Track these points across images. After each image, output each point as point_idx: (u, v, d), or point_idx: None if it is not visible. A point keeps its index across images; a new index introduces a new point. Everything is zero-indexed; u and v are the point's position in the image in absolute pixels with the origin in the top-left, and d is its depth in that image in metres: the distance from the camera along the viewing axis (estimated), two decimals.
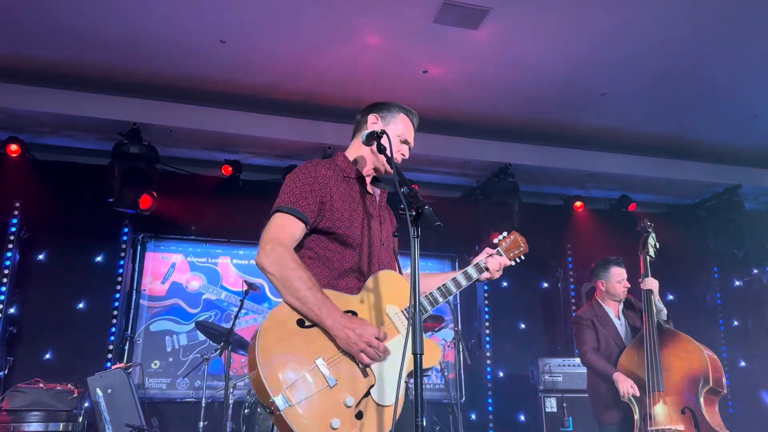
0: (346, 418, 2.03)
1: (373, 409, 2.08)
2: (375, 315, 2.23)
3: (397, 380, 2.00)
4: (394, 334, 2.24)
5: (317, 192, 2.31)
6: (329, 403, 2.03)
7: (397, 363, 2.07)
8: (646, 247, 4.34)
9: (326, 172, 2.39)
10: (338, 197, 2.36)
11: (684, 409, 3.89)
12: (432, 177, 7.45)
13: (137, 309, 6.82)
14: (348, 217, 2.36)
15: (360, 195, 2.46)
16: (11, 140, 6.17)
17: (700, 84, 6.02)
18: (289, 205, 2.26)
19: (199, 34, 5.31)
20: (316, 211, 2.29)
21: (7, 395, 5.12)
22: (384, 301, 2.26)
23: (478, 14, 4.97)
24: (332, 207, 2.33)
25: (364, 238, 2.37)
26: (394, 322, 2.25)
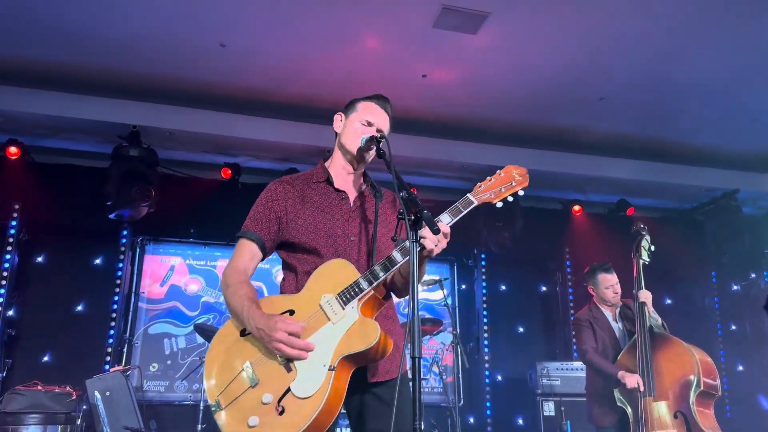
0: (264, 414, 2.10)
1: (294, 403, 2.10)
2: (309, 308, 2.24)
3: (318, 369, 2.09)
4: (322, 323, 2.21)
5: (272, 210, 2.43)
6: (250, 403, 2.13)
7: (321, 352, 2.13)
8: (639, 251, 4.36)
9: (284, 187, 2.49)
10: (297, 207, 2.43)
11: (677, 413, 3.91)
12: (430, 180, 7.46)
13: (136, 311, 6.83)
14: (303, 223, 2.41)
15: (328, 197, 2.49)
16: (11, 142, 6.18)
17: (698, 88, 6.04)
18: (244, 229, 2.44)
19: (199, 38, 5.33)
20: (274, 229, 2.43)
21: (5, 397, 5.12)
22: (321, 292, 2.26)
23: (477, 19, 4.99)
24: (288, 219, 2.42)
25: (327, 240, 2.39)
26: (325, 311, 2.22)
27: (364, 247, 2.43)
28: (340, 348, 2.14)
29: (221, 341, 2.30)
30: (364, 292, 2.22)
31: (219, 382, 2.20)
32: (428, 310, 7.49)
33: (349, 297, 2.22)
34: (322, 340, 2.18)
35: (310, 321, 2.21)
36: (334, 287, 2.25)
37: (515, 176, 2.49)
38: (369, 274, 2.24)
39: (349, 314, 2.20)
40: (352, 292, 2.22)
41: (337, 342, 2.15)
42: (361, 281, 2.23)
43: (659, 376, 4.02)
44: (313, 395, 2.09)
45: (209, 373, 2.24)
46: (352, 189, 2.55)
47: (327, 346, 2.16)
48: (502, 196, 2.44)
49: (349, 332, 2.17)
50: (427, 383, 7.22)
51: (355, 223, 2.45)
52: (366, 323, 2.18)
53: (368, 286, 2.23)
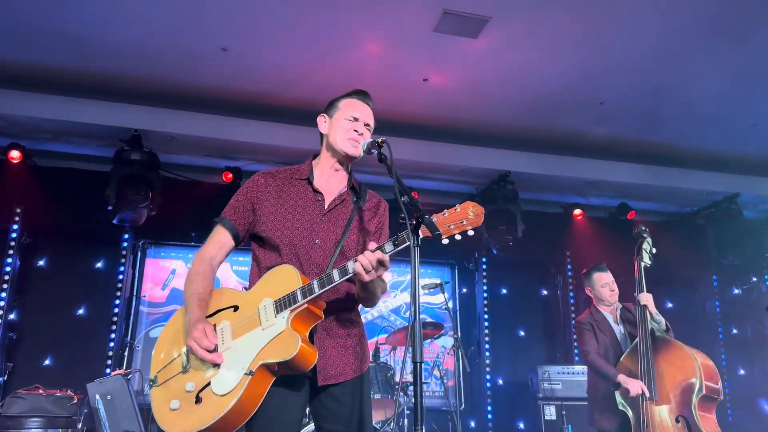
0: (184, 401, 2.22)
1: (210, 396, 2.18)
2: (250, 308, 2.30)
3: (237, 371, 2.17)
4: (254, 326, 2.25)
5: (249, 200, 2.48)
6: (177, 387, 2.26)
7: (244, 355, 2.20)
8: (640, 253, 4.36)
9: (267, 179, 2.52)
10: (272, 202, 2.46)
11: (678, 417, 3.89)
12: (431, 184, 7.47)
13: (137, 315, 6.83)
14: (273, 219, 2.43)
15: (304, 196, 2.49)
16: (13, 146, 6.19)
17: (698, 92, 6.05)
18: (221, 215, 2.52)
19: (201, 42, 5.34)
20: (249, 219, 2.48)
21: (6, 401, 5.12)
22: (263, 295, 2.30)
23: (478, 23, 5.00)
24: (261, 212, 2.45)
25: (293, 240, 2.39)
26: (260, 315, 2.26)
27: (329, 252, 2.40)
28: (261, 355, 2.18)
29: (174, 323, 2.44)
30: (297, 304, 2.21)
31: (161, 360, 2.35)
32: (429, 314, 7.49)
33: (283, 306, 2.23)
34: (249, 343, 2.23)
35: (246, 321, 2.28)
36: (275, 293, 2.27)
37: (470, 214, 2.33)
38: (306, 288, 2.22)
39: (278, 323, 2.21)
40: (287, 301, 2.23)
41: (260, 348, 2.19)
42: (298, 293, 2.22)
43: (661, 380, 4.01)
44: (226, 394, 2.15)
45: (157, 349, 2.40)
46: (332, 190, 2.53)
47: (251, 350, 2.20)
48: (449, 232, 2.29)
49: (273, 341, 2.19)
50: (428, 387, 7.21)
51: (324, 227, 2.43)
52: (290, 336, 2.17)
53: (302, 299, 2.21)
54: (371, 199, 2.59)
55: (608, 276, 4.59)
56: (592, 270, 4.64)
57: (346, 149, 2.50)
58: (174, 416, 2.20)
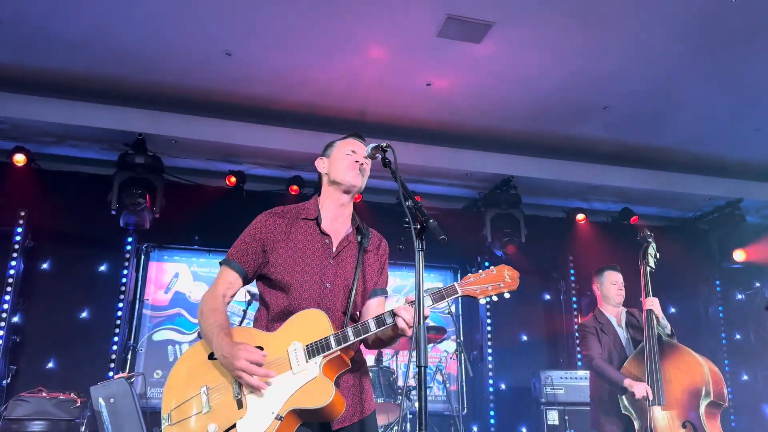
0: None
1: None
2: (277, 351, 2.26)
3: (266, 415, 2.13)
4: (284, 370, 2.22)
5: (258, 242, 2.44)
6: (197, 427, 2.19)
7: (273, 398, 2.16)
8: (646, 258, 4.36)
9: (275, 220, 2.48)
10: (281, 244, 2.43)
11: (685, 423, 3.88)
12: (435, 188, 7.47)
13: (140, 318, 6.84)
14: (283, 262, 2.40)
15: (312, 238, 2.46)
16: (17, 150, 6.21)
17: (700, 97, 6.06)
18: (228, 257, 2.48)
19: (205, 46, 5.37)
20: (259, 260, 2.44)
21: (10, 404, 5.13)
22: (291, 338, 2.27)
23: (481, 28, 5.02)
24: (271, 254, 2.42)
25: (305, 283, 2.37)
26: (290, 359, 2.23)
27: (339, 296, 2.41)
28: (293, 400, 2.16)
29: (189, 359, 2.38)
30: (331, 350, 2.22)
31: (176, 398, 2.27)
32: (432, 319, 7.48)
33: (316, 352, 2.22)
34: (278, 387, 2.19)
35: (274, 364, 2.23)
36: (305, 337, 2.25)
37: (506, 278, 2.42)
38: (341, 335, 2.23)
39: (310, 369, 2.20)
40: (319, 347, 2.23)
41: (291, 393, 2.17)
42: (332, 340, 2.23)
43: (667, 385, 3.98)
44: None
45: (170, 386, 2.32)
46: (339, 232, 2.52)
47: (281, 394, 2.17)
48: (487, 293, 2.37)
49: (305, 387, 2.18)
50: (430, 391, 7.21)
51: (333, 271, 2.43)
52: (323, 383, 2.18)
53: (336, 346, 2.22)
54: (373, 239, 2.60)
55: (619, 276, 4.61)
56: (606, 268, 4.67)
57: (349, 179, 2.50)
58: None
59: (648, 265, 4.34)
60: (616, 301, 4.57)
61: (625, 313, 4.59)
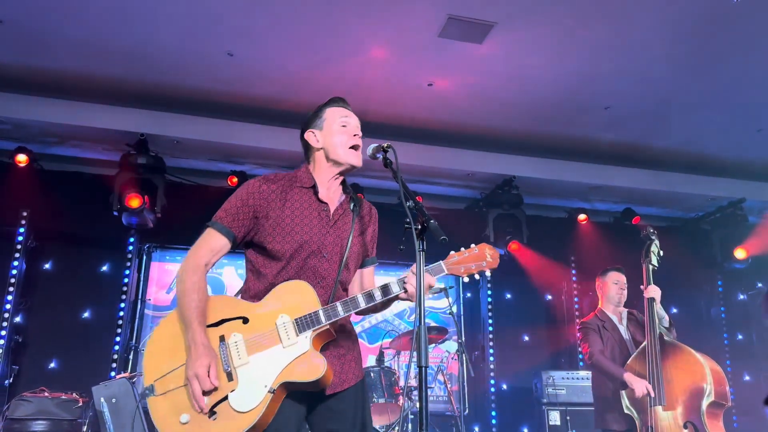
0: (196, 414, 2.12)
1: (228, 413, 2.13)
2: (264, 324, 2.25)
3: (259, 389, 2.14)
4: (273, 343, 2.22)
5: (250, 208, 2.37)
6: (185, 399, 2.15)
7: (265, 372, 2.18)
8: (648, 256, 4.37)
9: (269, 186, 2.41)
10: (276, 212, 2.37)
11: (686, 423, 3.88)
12: (436, 189, 7.48)
13: (142, 318, 6.84)
14: (281, 231, 2.35)
15: (309, 206, 2.42)
16: (20, 150, 6.21)
17: (703, 97, 6.05)
18: (215, 220, 2.40)
19: (207, 47, 5.37)
20: (248, 226, 2.37)
21: (12, 404, 5.13)
22: (279, 311, 2.26)
23: (483, 28, 5.02)
24: (266, 222, 2.36)
25: (299, 252, 2.34)
26: (279, 333, 2.23)
27: (335, 264, 2.39)
28: (285, 374, 2.17)
29: (169, 325, 2.31)
30: (320, 325, 2.23)
31: (160, 367, 2.21)
32: (433, 319, 7.49)
33: (305, 326, 2.22)
34: (268, 360, 2.20)
35: (262, 337, 2.23)
36: (292, 310, 2.25)
37: (487, 256, 2.47)
38: (330, 310, 2.24)
39: (301, 343, 2.21)
40: (309, 321, 2.23)
41: (283, 367, 2.18)
42: (321, 314, 2.23)
43: (669, 385, 3.98)
44: (248, 411, 2.12)
45: (150, 354, 2.27)
46: (334, 200, 2.50)
47: (272, 367, 2.18)
48: (470, 271, 2.43)
49: (296, 360, 2.19)
50: (432, 392, 7.20)
51: (331, 239, 2.40)
52: (314, 357, 2.20)
53: (326, 321, 2.23)
54: (364, 206, 2.59)
55: (623, 277, 4.68)
56: (610, 269, 4.73)
57: (351, 161, 2.46)
58: (184, 429, 2.12)
59: (651, 263, 4.35)
60: (617, 300, 4.61)
61: (626, 312, 4.63)
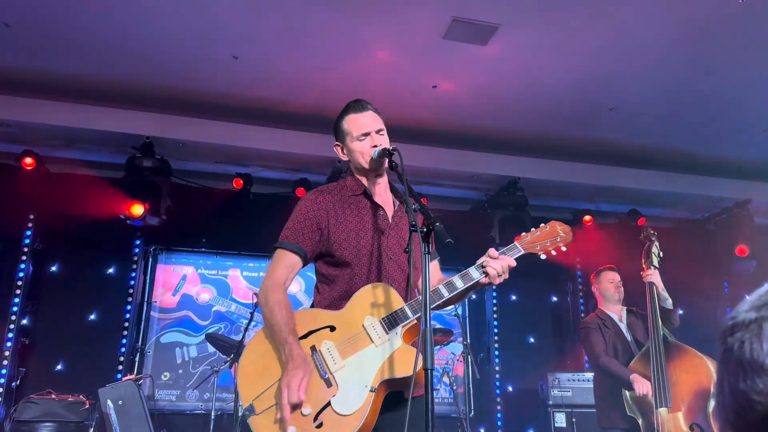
0: (302, 425, 2.11)
1: (333, 419, 2.13)
2: (352, 327, 2.28)
3: (360, 390, 2.15)
4: (365, 344, 2.25)
5: (312, 221, 2.42)
6: (287, 413, 2.12)
7: (363, 372, 2.19)
8: (650, 257, 4.36)
9: (325, 197, 2.47)
10: (338, 220, 2.43)
11: (693, 425, 3.85)
12: (441, 190, 7.48)
13: (148, 321, 6.86)
14: (346, 237, 2.41)
15: (367, 211, 2.48)
16: (26, 153, 6.24)
17: (709, 98, 6.04)
18: (282, 240, 2.43)
19: (212, 50, 5.39)
20: (315, 239, 2.42)
21: (19, 406, 5.17)
22: (364, 313, 2.29)
23: (487, 30, 5.02)
24: (330, 231, 2.41)
25: (366, 257, 2.39)
26: (369, 333, 2.26)
27: (403, 264, 2.45)
28: (383, 371, 2.18)
29: (258, 346, 2.32)
30: (408, 320, 2.26)
31: (255, 387, 2.22)
32: (439, 320, 7.48)
33: (394, 323, 2.25)
34: (364, 360, 2.22)
35: (352, 340, 2.26)
36: (377, 311, 2.28)
37: (560, 232, 2.54)
38: (415, 304, 2.27)
39: (392, 339, 2.24)
40: (396, 318, 2.25)
41: (380, 365, 2.19)
42: (407, 309, 2.26)
43: (673, 387, 3.94)
44: (354, 413, 2.12)
45: (245, 376, 2.27)
46: (389, 203, 2.56)
47: (369, 367, 2.20)
48: (546, 249, 2.48)
49: (392, 357, 2.21)
50: (437, 394, 7.21)
51: (394, 241, 2.47)
52: (409, 351, 2.20)
53: (413, 315, 2.26)
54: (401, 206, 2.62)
55: (617, 275, 4.71)
56: (604, 269, 4.78)
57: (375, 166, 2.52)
58: None
59: (652, 264, 4.34)
60: (615, 298, 4.62)
61: (625, 310, 4.63)
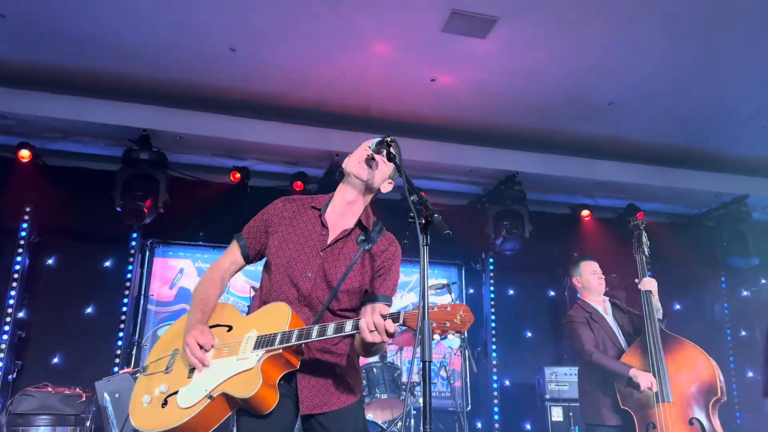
0: (155, 399, 2.32)
1: (172, 405, 2.27)
2: (238, 335, 2.34)
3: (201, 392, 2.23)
4: (232, 354, 2.28)
5: (264, 222, 2.56)
6: (154, 383, 2.37)
7: (212, 378, 2.25)
8: (641, 246, 4.34)
9: (286, 205, 2.58)
10: (284, 227, 2.50)
11: (692, 420, 3.83)
12: (439, 185, 7.46)
13: (145, 314, 6.86)
14: (279, 245, 2.47)
15: (312, 227, 2.50)
16: (22, 146, 6.22)
17: (707, 93, 6.03)
18: (240, 232, 2.61)
19: (210, 42, 5.36)
20: (261, 240, 2.56)
21: (15, 399, 5.15)
22: (253, 326, 2.33)
23: (486, 24, 5.00)
24: (272, 236, 2.52)
25: (287, 268, 2.42)
26: (241, 345, 2.28)
27: (321, 288, 2.41)
28: (225, 384, 2.21)
29: (180, 321, 2.56)
30: (272, 347, 2.21)
31: (156, 353, 2.50)
32: None
33: (261, 344, 2.24)
34: (221, 368, 2.27)
35: (228, 346, 2.32)
36: (263, 327, 2.29)
37: (457, 318, 2.09)
38: (285, 335, 2.22)
39: (251, 359, 2.22)
40: (265, 341, 2.24)
41: (226, 377, 2.22)
42: (277, 336, 2.22)
43: (673, 381, 3.90)
44: (183, 408, 2.22)
45: (159, 341, 2.57)
46: (339, 227, 2.50)
47: (219, 375, 2.25)
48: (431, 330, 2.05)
49: (239, 375, 2.21)
50: (434, 387, 7.21)
51: (318, 262, 2.42)
52: (254, 376, 2.18)
53: (278, 344, 2.21)
54: (381, 242, 2.52)
55: (596, 265, 4.58)
56: (580, 259, 4.65)
57: (352, 168, 2.47)
58: (141, 410, 2.33)
59: (643, 253, 4.33)
60: (599, 290, 4.51)
61: (608, 302, 4.53)
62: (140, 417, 2.31)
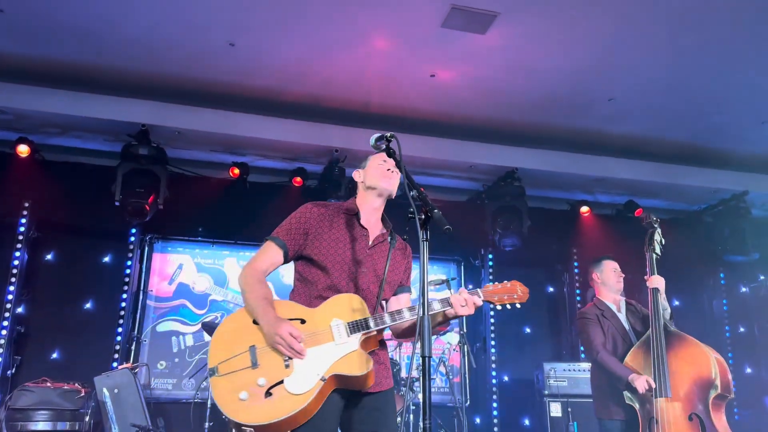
0: (255, 393, 2.42)
1: (281, 394, 2.41)
2: (319, 324, 2.57)
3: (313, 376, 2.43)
4: (327, 340, 2.53)
5: (302, 225, 2.74)
6: (245, 380, 2.45)
7: (318, 363, 2.47)
8: (652, 244, 4.34)
9: (320, 209, 2.80)
10: (325, 230, 2.74)
11: (692, 415, 3.85)
12: (438, 181, 7.47)
13: (144, 309, 6.86)
14: (327, 246, 2.71)
15: (353, 229, 2.77)
16: (21, 141, 6.20)
17: (707, 90, 6.02)
18: (274, 235, 2.75)
19: (209, 37, 5.35)
20: (300, 242, 2.73)
21: (14, 394, 5.16)
22: (333, 315, 2.58)
23: (486, 19, 4.99)
24: (315, 238, 2.72)
25: (344, 267, 2.68)
26: (333, 331, 2.54)
27: (372, 281, 2.73)
28: (336, 366, 2.47)
29: (232, 321, 2.64)
30: (369, 330, 2.55)
31: (223, 353, 2.52)
32: None
33: (356, 329, 2.54)
34: (322, 354, 2.50)
35: (316, 335, 2.54)
36: (345, 315, 2.58)
37: (518, 292, 2.86)
38: (378, 318, 2.58)
39: (351, 342, 2.53)
40: (360, 325, 2.55)
41: (334, 360, 2.48)
42: (370, 321, 2.56)
43: (673, 377, 3.93)
44: (300, 394, 2.40)
45: (217, 342, 2.57)
46: (374, 229, 2.83)
47: (325, 360, 2.48)
48: (503, 302, 2.79)
49: (347, 357, 2.50)
50: (433, 383, 7.22)
51: (369, 260, 2.74)
52: (362, 355, 2.51)
53: (374, 327, 2.56)
54: (399, 243, 2.90)
55: (617, 264, 4.64)
56: (603, 258, 4.70)
57: (383, 184, 2.79)
58: (241, 406, 2.40)
59: (654, 251, 4.32)
60: (617, 288, 4.55)
61: (624, 301, 4.57)
62: (246, 412, 2.39)
